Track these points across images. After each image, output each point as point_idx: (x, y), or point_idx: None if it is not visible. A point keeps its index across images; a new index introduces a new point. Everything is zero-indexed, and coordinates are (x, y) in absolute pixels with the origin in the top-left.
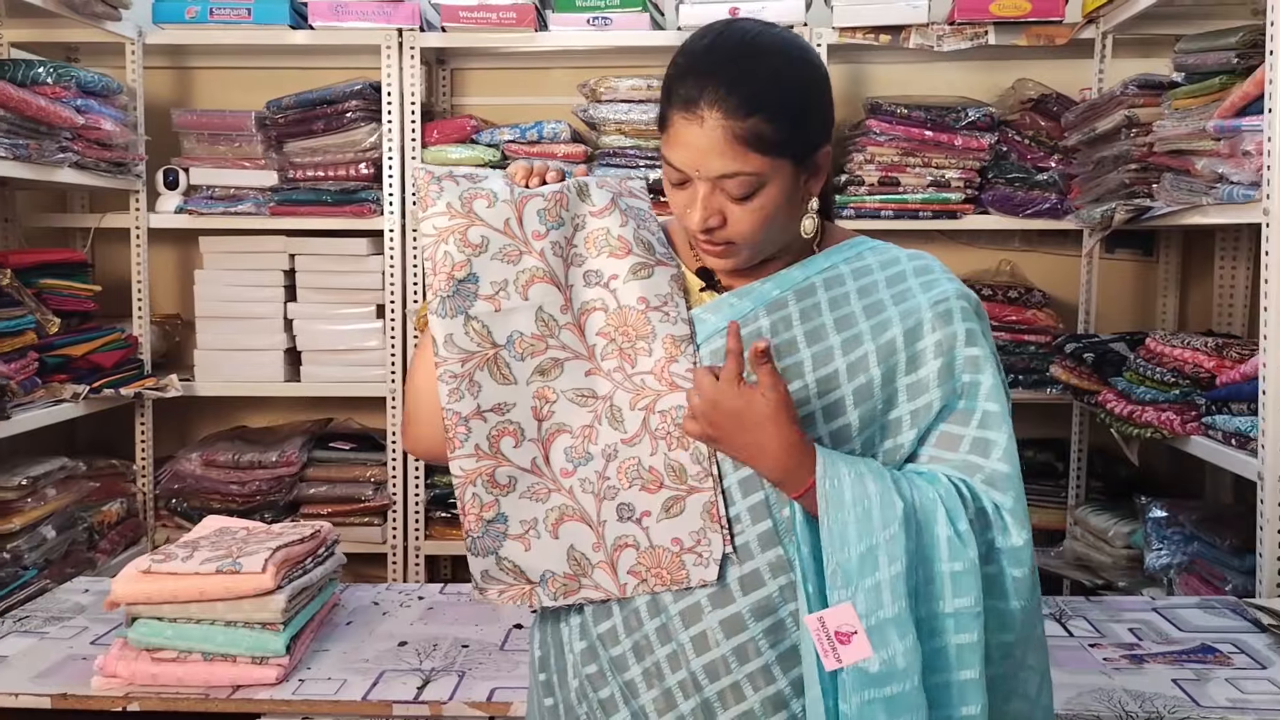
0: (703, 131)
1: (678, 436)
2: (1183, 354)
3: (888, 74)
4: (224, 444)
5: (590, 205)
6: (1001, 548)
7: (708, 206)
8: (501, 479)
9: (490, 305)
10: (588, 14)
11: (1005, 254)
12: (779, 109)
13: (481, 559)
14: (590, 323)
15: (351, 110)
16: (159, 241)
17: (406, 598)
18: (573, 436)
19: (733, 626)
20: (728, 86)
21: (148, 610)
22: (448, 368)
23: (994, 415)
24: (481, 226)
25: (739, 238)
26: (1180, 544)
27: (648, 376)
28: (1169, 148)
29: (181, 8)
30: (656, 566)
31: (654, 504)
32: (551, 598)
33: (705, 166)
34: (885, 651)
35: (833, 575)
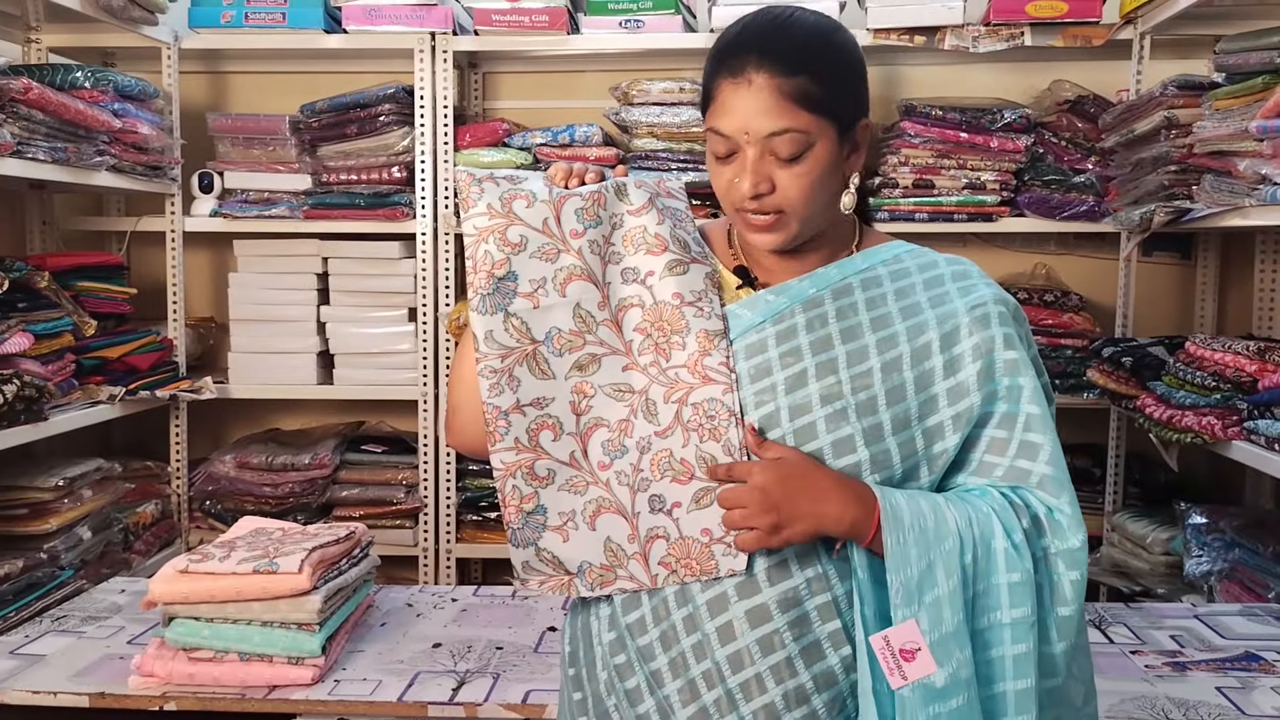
0: (751, 93)
1: (709, 428)
2: (1224, 358)
3: (922, 75)
4: (257, 446)
5: (628, 204)
6: (1057, 552)
7: (757, 171)
8: (541, 471)
9: (529, 302)
10: (620, 16)
11: (1041, 257)
12: (823, 69)
13: (522, 550)
14: (627, 319)
15: (384, 114)
16: (194, 245)
17: (440, 599)
18: (610, 430)
19: (758, 617)
20: (774, 49)
21: (185, 610)
22: (488, 363)
23: (1038, 418)
24: (520, 226)
25: (788, 204)
26: (1221, 550)
27: (681, 370)
28: (1209, 149)
29: (217, 13)
30: (686, 557)
31: (684, 495)
32: (589, 588)
33: (755, 127)
34: (949, 665)
35: (896, 593)
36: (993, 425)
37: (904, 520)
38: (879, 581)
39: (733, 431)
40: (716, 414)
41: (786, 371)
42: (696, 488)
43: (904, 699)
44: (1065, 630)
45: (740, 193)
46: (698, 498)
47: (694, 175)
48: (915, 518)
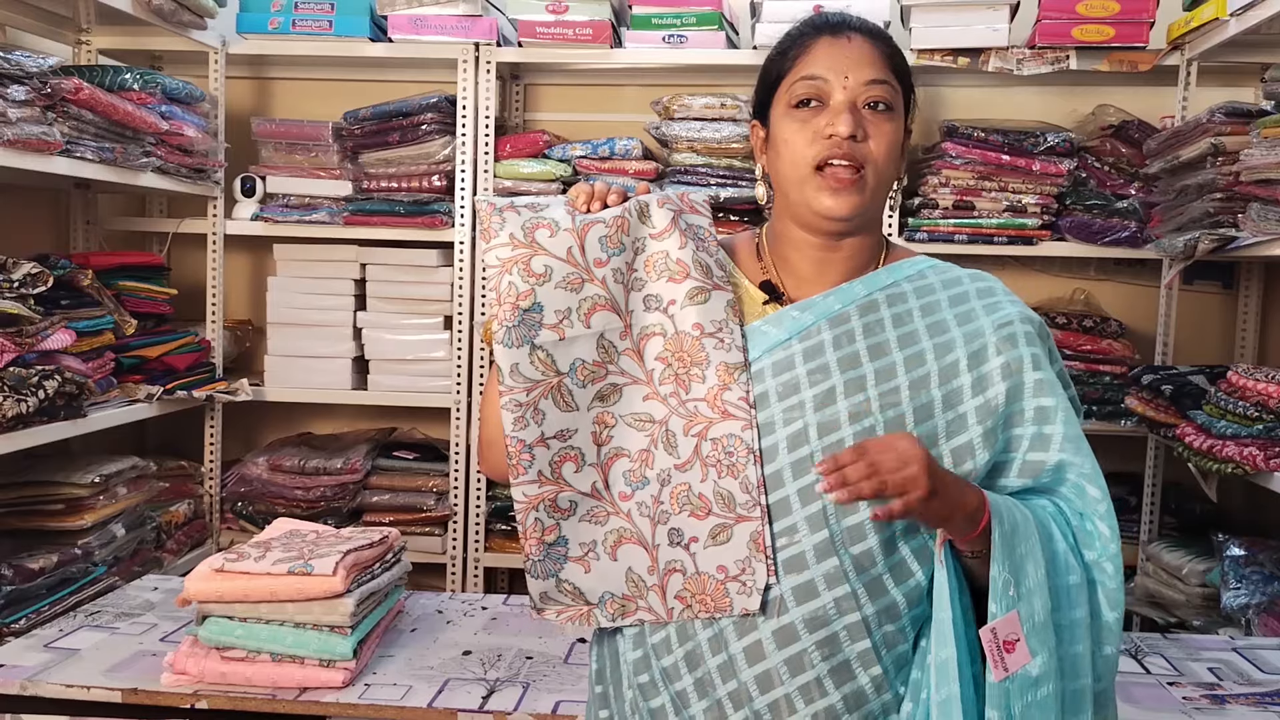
0: (851, 45)
1: (728, 464)
2: (1267, 388)
3: (965, 97)
4: (290, 449)
5: (650, 227)
6: (1095, 563)
7: (855, 113)
8: (563, 504)
9: (555, 334)
10: (663, 32)
11: (1080, 282)
12: (899, 54)
13: (541, 581)
14: (649, 348)
15: (426, 123)
16: (234, 247)
17: (470, 607)
18: (631, 460)
19: (785, 637)
20: (865, 24)
21: (219, 609)
22: (513, 397)
23: (1071, 437)
24: (544, 256)
25: (873, 158)
26: (1260, 583)
27: (701, 404)
28: (1256, 177)
29: (265, 19)
30: (701, 593)
31: (701, 530)
32: (610, 619)
33: (855, 74)
34: (1043, 654)
35: (1006, 585)
36: (1028, 449)
37: (1003, 512)
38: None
39: (751, 469)
40: (735, 450)
41: (814, 389)
42: (714, 523)
43: (1004, 690)
44: (1110, 636)
45: (836, 133)
46: (714, 534)
47: (733, 191)
48: (1009, 510)
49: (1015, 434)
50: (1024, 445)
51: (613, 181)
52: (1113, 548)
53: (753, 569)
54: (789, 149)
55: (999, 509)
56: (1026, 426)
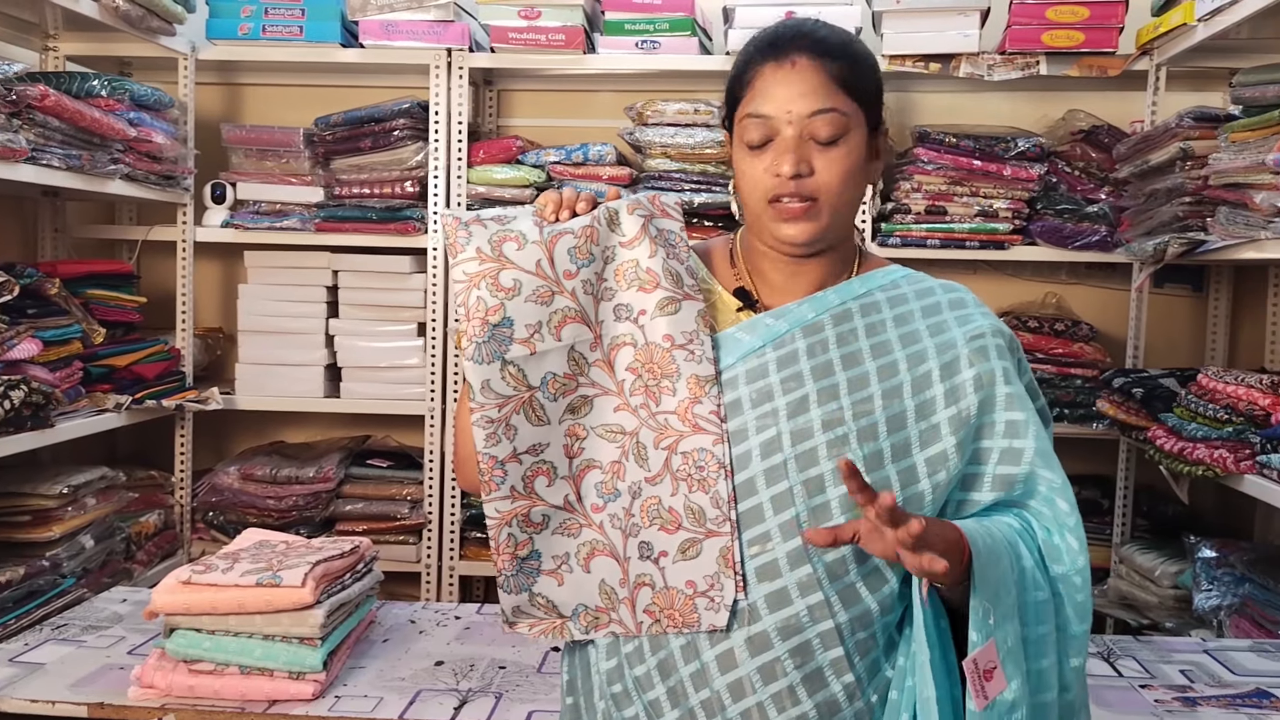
0: (794, 72)
1: (699, 479)
2: (1237, 391)
3: (936, 102)
4: (262, 458)
5: (620, 235)
6: (1064, 577)
7: (798, 151)
8: (536, 518)
9: (525, 349)
10: (636, 37)
11: (1052, 286)
12: (859, 62)
13: (514, 596)
14: (620, 358)
15: (399, 129)
16: (204, 255)
17: (443, 617)
18: (602, 472)
19: (758, 645)
20: (816, 37)
21: (186, 621)
22: (485, 413)
23: (1041, 451)
24: (513, 269)
25: (824, 189)
26: (1231, 585)
27: (671, 416)
28: (1225, 181)
29: (235, 24)
30: (669, 608)
31: (671, 545)
32: (583, 631)
33: (797, 107)
34: (1018, 677)
35: (985, 615)
36: (995, 461)
37: (979, 544)
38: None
39: (722, 484)
40: (706, 465)
41: (788, 396)
42: (683, 538)
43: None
44: (1077, 648)
45: (780, 173)
46: (684, 548)
47: (707, 196)
48: (984, 538)
49: (984, 446)
50: (994, 458)
51: (585, 188)
52: (1081, 561)
53: (721, 585)
54: (744, 180)
55: (975, 539)
56: (997, 440)
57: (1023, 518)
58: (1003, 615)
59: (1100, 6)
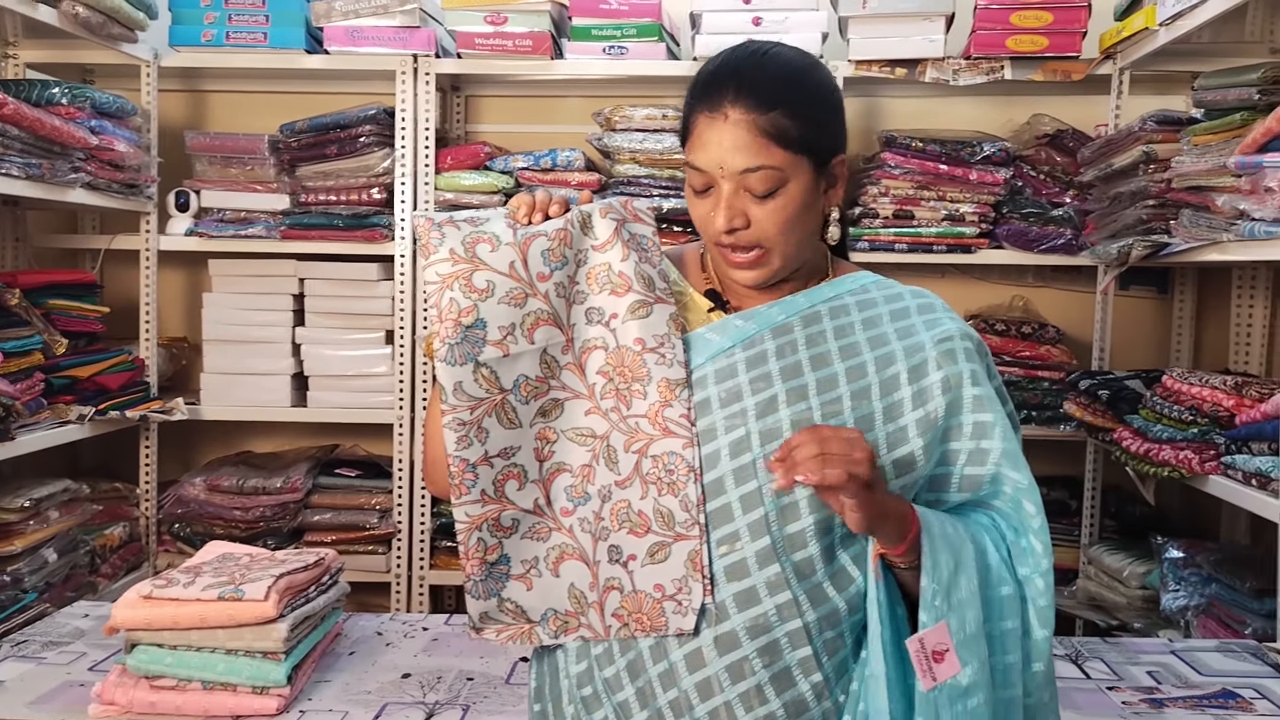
0: (727, 126)
1: (668, 482)
2: (1201, 392)
3: (903, 107)
4: (228, 469)
5: (593, 239)
6: (1028, 579)
7: (732, 206)
8: (506, 522)
9: (499, 350)
10: (603, 43)
11: (1019, 289)
12: (798, 105)
13: (482, 601)
14: (591, 361)
15: (365, 135)
16: (168, 264)
17: (410, 628)
18: (572, 476)
19: (726, 644)
20: (749, 84)
21: (147, 637)
22: (456, 415)
23: (1009, 453)
24: (486, 271)
25: (764, 239)
26: (1198, 585)
27: (642, 420)
28: (1188, 184)
29: (198, 31)
30: (637, 611)
31: (640, 548)
32: (552, 636)
33: (729, 163)
34: (973, 664)
35: (933, 595)
36: (962, 463)
37: (933, 525)
38: (893, 602)
39: (691, 487)
40: (675, 468)
41: (757, 396)
42: (652, 541)
43: (932, 700)
44: (1038, 653)
45: (716, 228)
46: (652, 551)
47: (676, 202)
48: (940, 524)
49: (953, 448)
50: (962, 459)
51: (555, 192)
52: (1045, 564)
53: (689, 588)
54: (695, 220)
55: (928, 521)
56: (964, 441)
57: (992, 517)
58: (960, 601)
59: (1064, 11)
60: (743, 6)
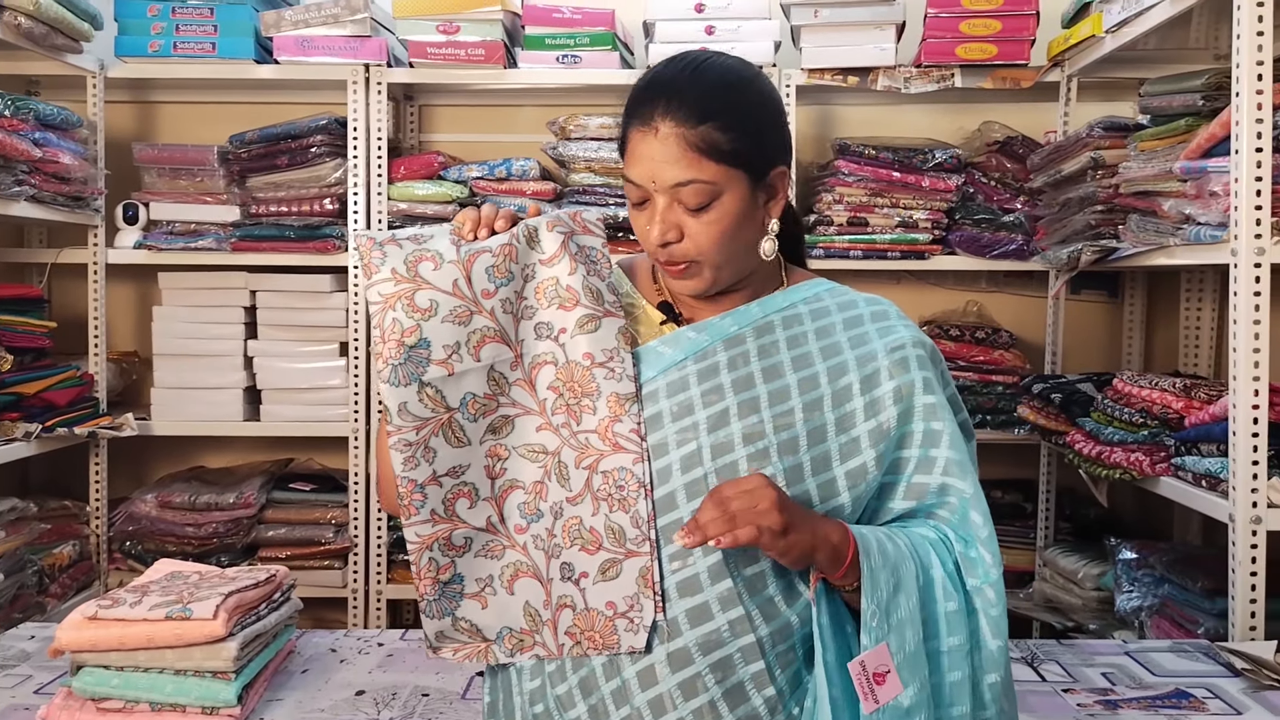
0: (657, 141)
1: (619, 498)
2: (1151, 394)
3: (856, 115)
4: (180, 485)
5: (540, 253)
6: (978, 589)
7: (665, 220)
8: (458, 541)
9: (443, 370)
10: (557, 52)
11: (972, 295)
12: (731, 118)
13: (437, 621)
14: (541, 377)
15: (316, 145)
16: (117, 277)
17: (365, 644)
18: (525, 492)
19: (679, 661)
20: (680, 96)
21: (93, 658)
22: (403, 436)
23: (956, 462)
24: (429, 290)
25: (698, 253)
26: (1151, 586)
27: (592, 435)
28: (1135, 189)
29: (144, 41)
30: (590, 629)
31: (592, 565)
32: (508, 654)
33: (660, 177)
34: (914, 684)
35: (871, 617)
36: (914, 471)
37: (871, 546)
38: (838, 623)
39: (642, 503)
40: (626, 484)
41: (709, 410)
42: (604, 558)
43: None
44: (993, 664)
45: (651, 241)
46: (604, 569)
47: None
48: (879, 543)
49: (903, 455)
50: (910, 467)
51: (508, 202)
52: (994, 574)
53: (641, 606)
54: (636, 232)
55: (867, 542)
56: (914, 449)
57: (939, 529)
58: (899, 621)
59: (1012, 20)
60: (695, 15)
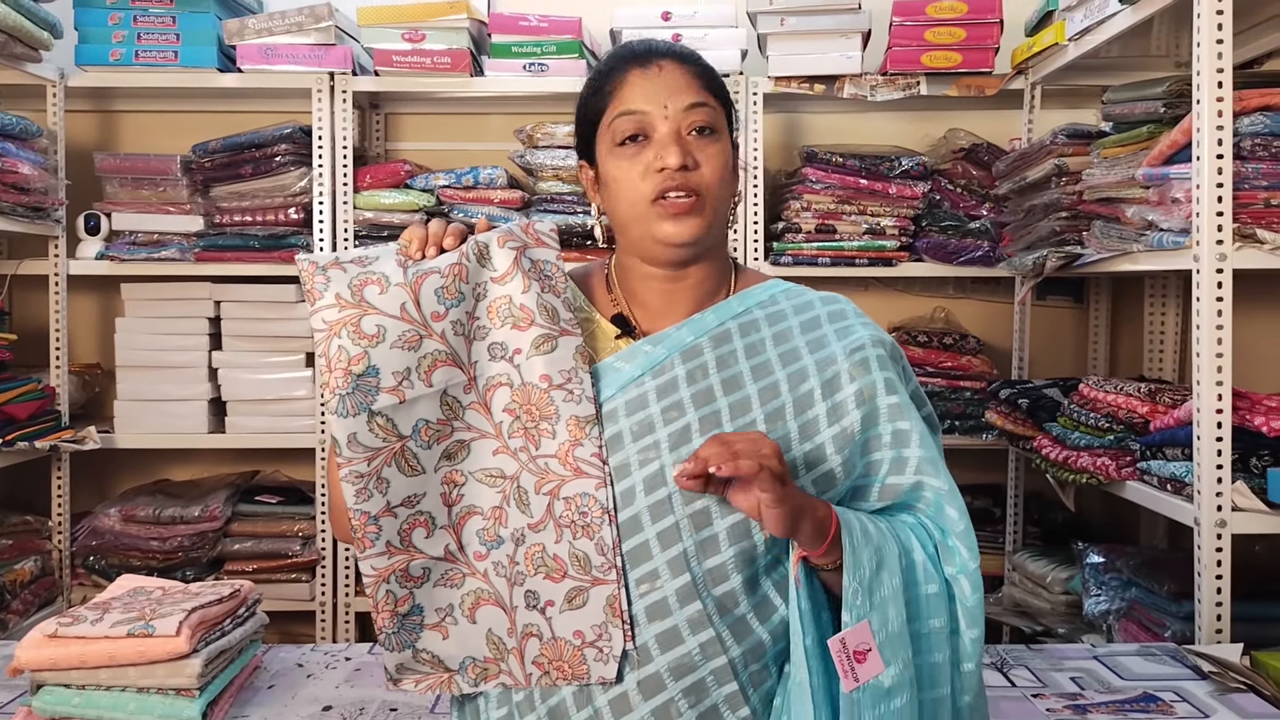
0: (664, 74)
1: (583, 525)
2: (1116, 399)
3: (823, 123)
4: (144, 498)
5: (491, 271)
6: (954, 579)
7: (681, 143)
8: (415, 572)
9: (394, 397)
10: (524, 60)
11: (940, 301)
12: (716, 76)
13: (397, 653)
14: (496, 399)
15: (281, 154)
16: (79, 288)
17: (332, 659)
18: (484, 518)
19: (651, 687)
20: (673, 49)
21: (54, 677)
22: (353, 468)
23: (929, 460)
24: (376, 315)
25: (706, 184)
26: (1118, 590)
27: (552, 460)
28: (1098, 195)
29: (105, 50)
30: (558, 659)
31: (557, 594)
32: (471, 684)
33: (674, 100)
34: (896, 664)
35: (854, 594)
36: (883, 473)
37: (854, 523)
38: (816, 609)
39: (606, 530)
40: (589, 510)
41: (669, 428)
42: (569, 586)
43: (854, 701)
44: (967, 654)
45: (667, 165)
46: (570, 597)
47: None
48: (860, 522)
49: (874, 459)
50: (883, 469)
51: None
52: (971, 565)
53: (609, 635)
54: (621, 187)
55: (848, 519)
56: (884, 451)
57: (917, 517)
58: (882, 599)
59: (976, 28)
60: (662, 23)
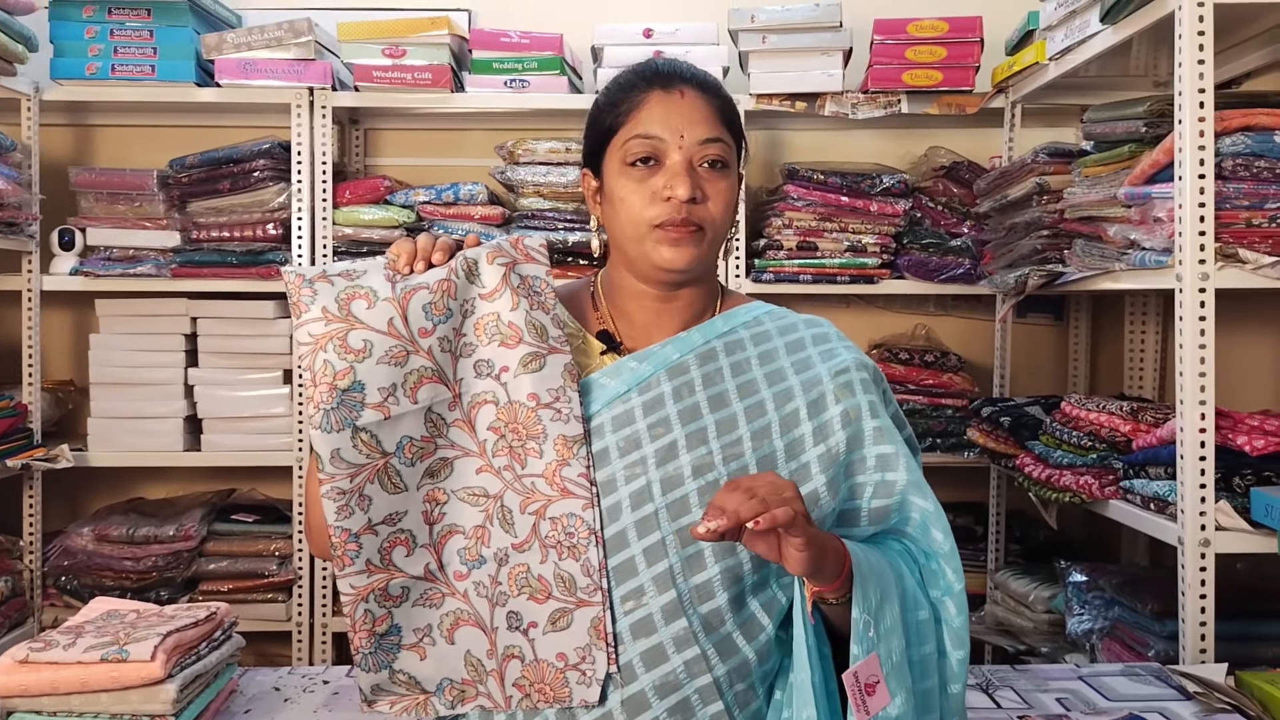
0: (684, 102)
1: (569, 545)
2: (1099, 418)
3: (804, 140)
4: (118, 517)
5: (480, 287)
6: (939, 601)
7: (692, 174)
8: (394, 591)
9: (379, 413)
10: (505, 76)
11: (921, 318)
12: (732, 107)
13: (373, 674)
14: (480, 416)
15: (259, 169)
16: (53, 304)
17: (310, 682)
18: (465, 537)
19: (635, 707)
20: (696, 77)
21: (25, 704)
22: (335, 484)
23: (914, 482)
24: (363, 329)
25: (710, 219)
26: (1101, 609)
27: (538, 480)
28: (1080, 214)
29: (81, 64)
30: (540, 681)
31: (541, 615)
32: (448, 706)
33: (691, 131)
34: (901, 693)
35: (867, 628)
36: (869, 496)
37: (859, 554)
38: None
39: (593, 551)
40: (576, 531)
41: (656, 443)
42: (554, 608)
43: None
44: (953, 676)
45: (675, 196)
46: (554, 619)
47: (581, 235)
48: (864, 553)
49: (859, 482)
50: (868, 492)
51: (456, 227)
52: (956, 587)
53: (593, 658)
54: (626, 207)
55: (854, 551)
56: (869, 474)
57: (902, 542)
58: (887, 630)
59: (957, 46)
60: (644, 40)
